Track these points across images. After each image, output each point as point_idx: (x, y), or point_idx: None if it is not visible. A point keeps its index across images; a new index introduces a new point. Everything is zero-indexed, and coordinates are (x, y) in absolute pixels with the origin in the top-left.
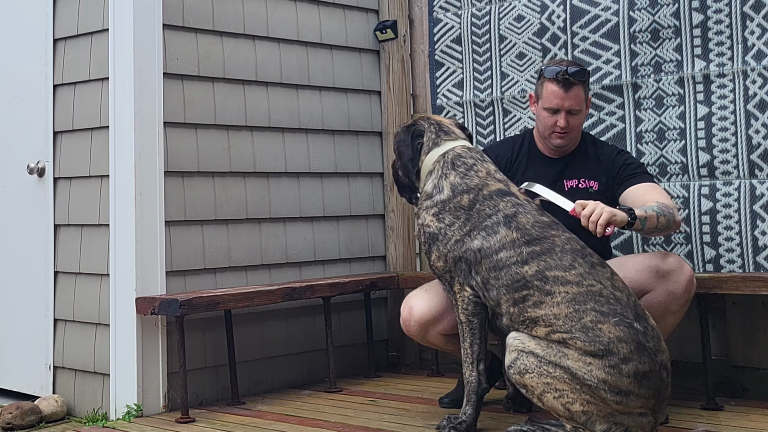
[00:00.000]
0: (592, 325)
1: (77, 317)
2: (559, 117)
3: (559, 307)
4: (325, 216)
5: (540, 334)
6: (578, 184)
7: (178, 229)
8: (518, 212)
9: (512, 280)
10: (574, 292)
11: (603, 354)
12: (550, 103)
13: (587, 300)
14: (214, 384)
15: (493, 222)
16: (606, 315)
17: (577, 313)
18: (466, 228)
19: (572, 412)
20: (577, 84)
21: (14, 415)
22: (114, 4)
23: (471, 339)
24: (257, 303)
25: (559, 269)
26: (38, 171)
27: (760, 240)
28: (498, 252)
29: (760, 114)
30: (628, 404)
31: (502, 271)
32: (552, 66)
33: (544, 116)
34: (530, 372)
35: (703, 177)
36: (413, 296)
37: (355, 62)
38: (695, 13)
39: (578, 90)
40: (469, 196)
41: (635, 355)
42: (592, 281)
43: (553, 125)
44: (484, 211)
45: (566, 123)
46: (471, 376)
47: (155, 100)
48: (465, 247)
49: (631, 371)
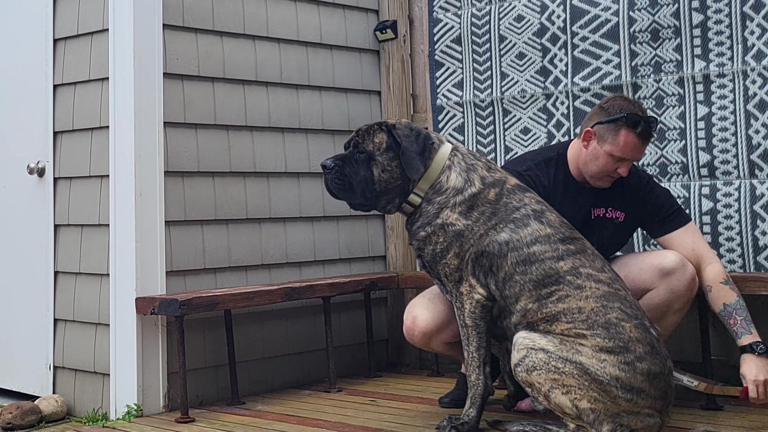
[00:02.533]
0: (617, 322)
1: (77, 317)
2: (623, 166)
3: (587, 301)
4: (325, 216)
5: (559, 330)
6: (605, 213)
7: (178, 229)
8: (545, 209)
9: (544, 275)
10: (604, 290)
11: (620, 351)
12: (622, 152)
13: (615, 300)
14: (214, 384)
15: (522, 215)
16: (630, 316)
17: (603, 309)
18: (491, 222)
19: (580, 409)
20: (653, 137)
21: (14, 415)
22: (114, 4)
23: (478, 342)
24: (257, 303)
25: (592, 269)
26: (38, 171)
27: (760, 240)
28: (530, 245)
29: (760, 114)
30: (638, 403)
31: (534, 266)
32: (631, 114)
33: (606, 161)
34: (538, 369)
35: (704, 177)
36: (416, 305)
37: (355, 62)
38: (695, 13)
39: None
40: (495, 190)
41: (649, 356)
42: (619, 286)
43: (613, 171)
44: (511, 204)
45: (627, 172)
46: (478, 379)
47: (155, 100)
48: (488, 240)
49: (645, 370)
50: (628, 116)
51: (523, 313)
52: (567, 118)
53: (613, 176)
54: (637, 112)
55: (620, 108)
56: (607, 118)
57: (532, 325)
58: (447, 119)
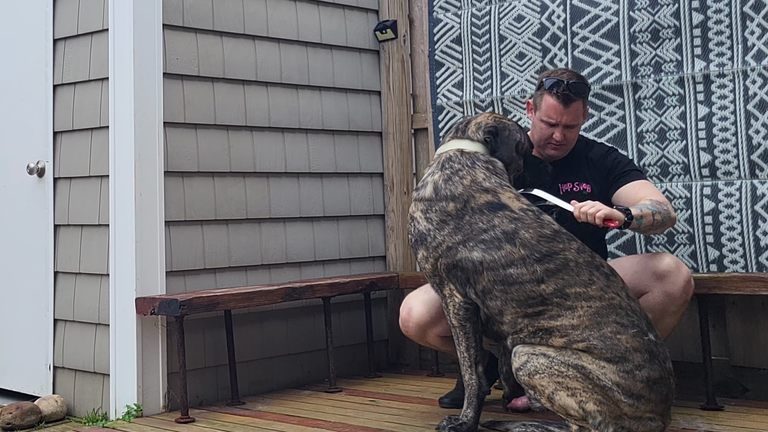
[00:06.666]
0: (612, 335)
1: (77, 317)
2: (556, 130)
3: (581, 319)
4: (325, 216)
5: (557, 344)
6: (573, 187)
7: (178, 229)
8: (518, 228)
9: (526, 297)
10: (597, 306)
11: (619, 360)
12: (547, 116)
13: (609, 313)
14: (214, 384)
15: (492, 237)
16: (625, 327)
17: (598, 325)
18: (458, 236)
19: (587, 411)
20: (576, 99)
21: (14, 415)
22: (114, 4)
23: (467, 343)
24: (257, 303)
25: (579, 285)
26: (38, 171)
27: (762, 240)
28: (506, 267)
29: (760, 114)
30: (639, 408)
31: (513, 287)
32: (552, 78)
33: (541, 127)
34: (540, 372)
35: (705, 177)
36: (412, 297)
37: (355, 62)
38: (695, 13)
39: (577, 104)
40: (456, 205)
41: (648, 363)
42: (612, 294)
43: (549, 137)
44: (477, 225)
45: (563, 137)
46: (471, 379)
47: (155, 100)
48: (461, 256)
49: (644, 377)
50: (547, 80)
51: (514, 325)
52: None
53: (551, 142)
54: (558, 76)
55: (546, 76)
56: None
57: (528, 338)
58: (447, 119)
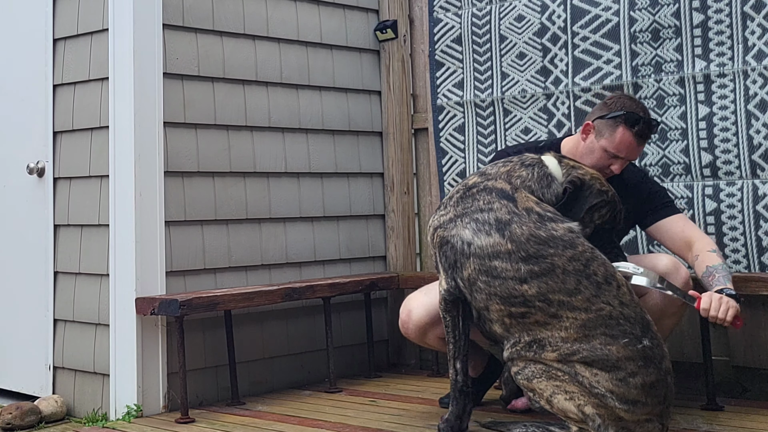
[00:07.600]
0: (601, 347)
1: (77, 317)
2: (617, 163)
3: (568, 331)
4: (325, 216)
5: (549, 359)
6: None
7: (178, 229)
8: (512, 220)
9: (508, 294)
10: (583, 319)
11: (610, 369)
12: (617, 150)
13: (597, 326)
14: (214, 384)
15: (484, 219)
16: (615, 337)
17: (586, 338)
18: (458, 208)
19: (586, 414)
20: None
21: (14, 415)
22: (114, 4)
23: (450, 335)
24: (257, 303)
25: (562, 293)
26: (38, 171)
27: (764, 240)
28: (492, 258)
29: (761, 114)
30: (635, 412)
31: (497, 281)
32: (631, 111)
33: (601, 156)
34: (538, 377)
35: (706, 177)
36: (412, 299)
37: (355, 62)
38: (696, 13)
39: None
40: (476, 180)
41: (642, 369)
42: (600, 305)
43: (607, 167)
44: (477, 202)
45: (620, 170)
46: (451, 372)
47: (155, 100)
48: (455, 231)
49: (639, 383)
50: (628, 114)
51: (503, 326)
52: (568, 118)
53: (605, 173)
54: (638, 111)
55: (622, 106)
56: (607, 114)
57: (523, 349)
58: (447, 119)
